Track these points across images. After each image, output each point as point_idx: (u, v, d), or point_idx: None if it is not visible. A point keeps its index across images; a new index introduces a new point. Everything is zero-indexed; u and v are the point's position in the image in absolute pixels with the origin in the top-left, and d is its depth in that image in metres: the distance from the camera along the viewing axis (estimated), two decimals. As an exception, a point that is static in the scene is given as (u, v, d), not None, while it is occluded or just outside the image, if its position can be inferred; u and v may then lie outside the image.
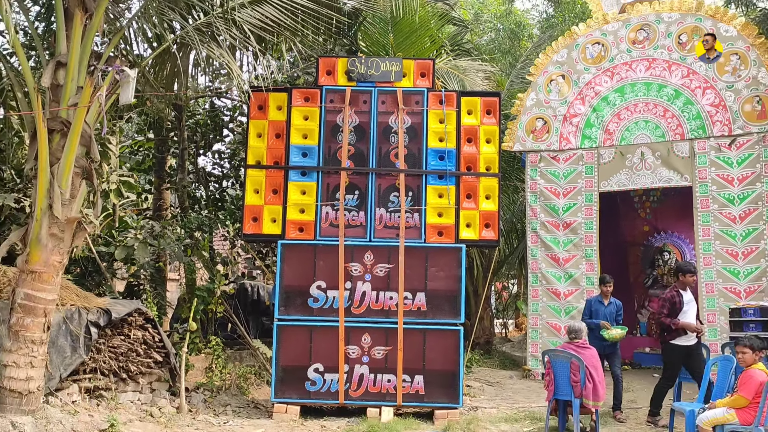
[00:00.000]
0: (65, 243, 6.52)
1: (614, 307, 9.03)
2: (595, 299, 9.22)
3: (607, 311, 8.96)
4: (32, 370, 6.31)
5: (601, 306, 9.03)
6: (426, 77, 9.03)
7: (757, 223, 10.65)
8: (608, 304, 9.06)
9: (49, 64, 6.51)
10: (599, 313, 8.94)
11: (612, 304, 9.07)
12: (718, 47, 11.01)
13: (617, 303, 9.12)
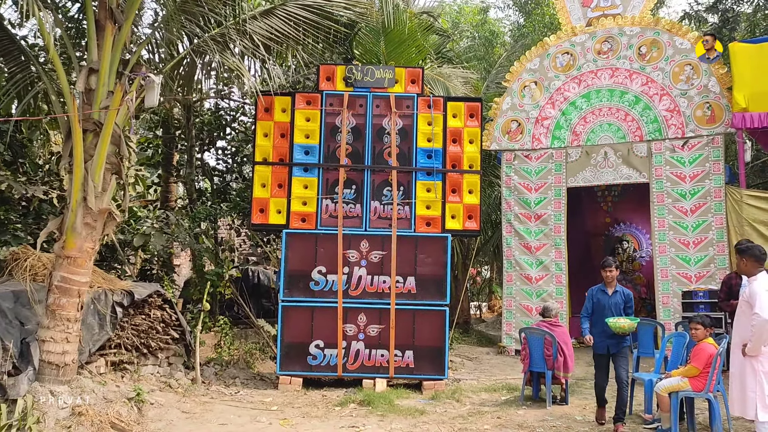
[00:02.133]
0: (97, 231, 6.72)
1: (621, 297, 6.82)
2: (597, 289, 6.97)
3: (612, 302, 6.80)
4: (67, 345, 6.50)
5: (604, 296, 6.85)
6: (416, 84, 9.31)
7: (706, 215, 11.09)
8: (613, 293, 6.83)
9: (82, 71, 6.68)
10: (603, 305, 6.84)
11: (618, 293, 6.84)
12: (717, 47, 11.29)
13: (625, 292, 6.88)
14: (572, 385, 8.79)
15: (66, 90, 6.59)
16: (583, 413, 7.48)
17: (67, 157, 6.71)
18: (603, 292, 6.88)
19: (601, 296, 6.87)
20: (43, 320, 6.53)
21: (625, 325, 6.56)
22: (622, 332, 6.60)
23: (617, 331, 6.60)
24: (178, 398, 7.68)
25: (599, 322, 6.77)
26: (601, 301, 6.86)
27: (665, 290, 11.24)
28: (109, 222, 6.85)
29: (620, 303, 6.79)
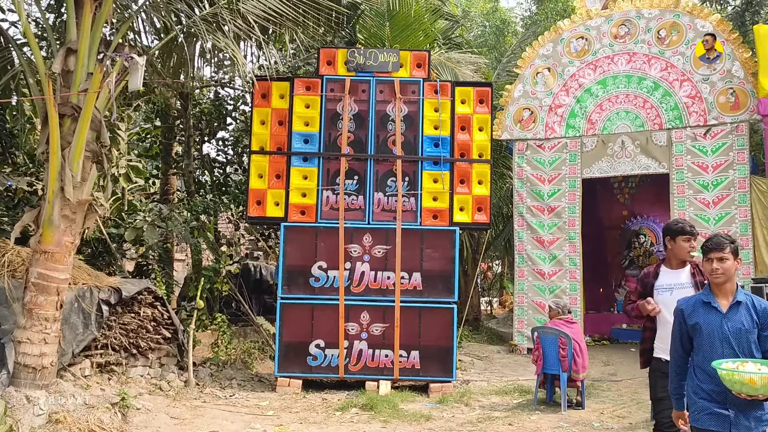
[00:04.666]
0: (77, 224, 6.24)
1: (747, 316, 3.33)
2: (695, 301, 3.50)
3: (732, 328, 3.33)
4: (45, 347, 6.05)
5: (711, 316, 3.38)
6: (422, 68, 8.76)
7: (729, 208, 10.51)
8: (731, 307, 3.36)
9: (59, 51, 6.20)
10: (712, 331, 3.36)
11: (742, 307, 3.36)
12: (718, 47, 10.75)
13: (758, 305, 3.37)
14: (588, 387, 8.27)
15: (42, 71, 6.10)
16: (600, 419, 6.95)
17: (44, 145, 6.23)
18: (709, 309, 3.40)
19: (707, 316, 3.39)
20: (20, 320, 6.08)
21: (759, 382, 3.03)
22: (753, 395, 3.10)
23: (742, 393, 3.10)
24: (168, 402, 7.21)
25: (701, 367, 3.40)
26: (708, 326, 3.38)
27: (686, 286, 10.65)
28: (90, 214, 6.37)
29: (747, 328, 3.29)
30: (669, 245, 4.28)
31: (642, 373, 9.47)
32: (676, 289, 4.14)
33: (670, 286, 4.20)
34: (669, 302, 4.03)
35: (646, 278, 4.41)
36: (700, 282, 4.06)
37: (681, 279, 4.21)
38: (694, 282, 4.11)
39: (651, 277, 4.36)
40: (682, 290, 4.08)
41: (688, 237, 4.18)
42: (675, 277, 4.25)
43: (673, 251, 4.27)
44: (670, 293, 4.14)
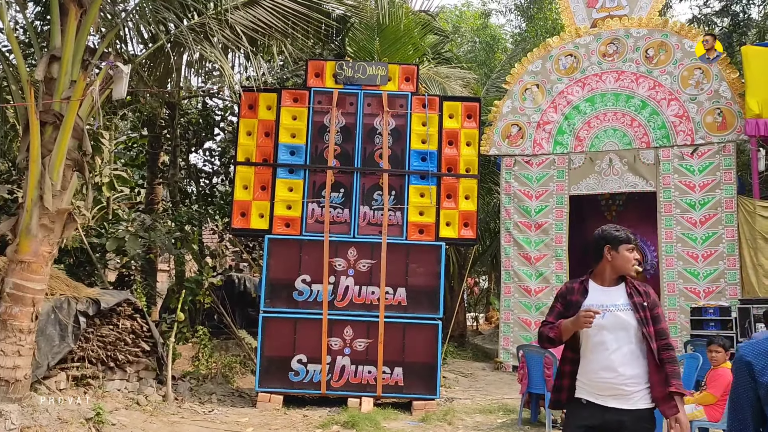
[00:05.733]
0: (55, 234, 6.13)
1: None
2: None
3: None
4: (19, 359, 5.91)
5: None
6: (410, 82, 8.74)
7: (717, 227, 10.53)
8: None
9: (43, 58, 6.11)
10: None
11: None
12: (718, 47, 10.79)
13: None
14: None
15: (24, 77, 6.01)
16: (585, 440, 6.85)
17: (24, 152, 6.12)
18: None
19: None
20: (-7, 331, 5.93)
21: None
22: None
23: None
24: (144, 418, 7.05)
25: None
26: None
27: (672, 306, 10.65)
28: (69, 224, 6.26)
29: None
30: (608, 256, 3.30)
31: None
32: (611, 311, 3.22)
33: (604, 307, 3.22)
34: (602, 328, 3.21)
35: (570, 294, 3.39)
36: (639, 304, 3.21)
37: (616, 299, 3.26)
38: (632, 303, 3.23)
39: (577, 293, 3.35)
40: (619, 313, 3.21)
41: (632, 247, 3.33)
42: (609, 296, 3.28)
43: (613, 264, 3.30)
44: (603, 316, 3.19)
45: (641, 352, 3.22)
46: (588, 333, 3.26)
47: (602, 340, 3.23)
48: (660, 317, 3.27)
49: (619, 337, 3.21)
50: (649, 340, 3.16)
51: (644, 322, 3.20)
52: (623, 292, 3.30)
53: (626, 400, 3.16)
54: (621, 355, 3.19)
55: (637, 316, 3.21)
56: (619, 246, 3.31)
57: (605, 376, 3.18)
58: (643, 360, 3.21)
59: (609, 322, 3.21)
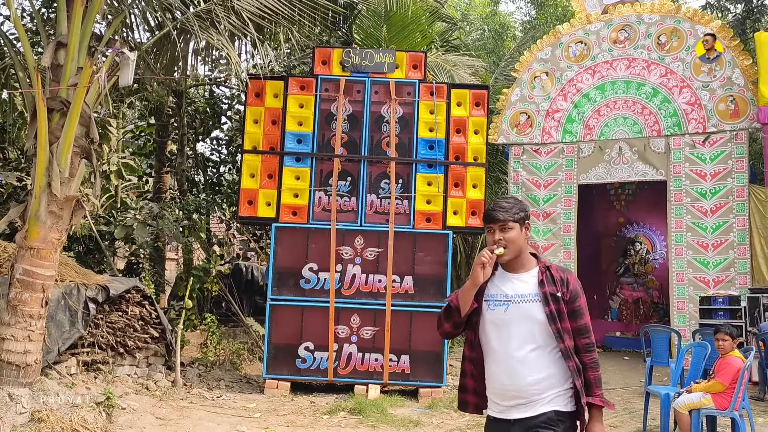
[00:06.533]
0: (64, 221, 6.19)
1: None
2: None
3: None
4: (30, 344, 5.99)
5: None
6: (418, 69, 8.73)
7: (727, 216, 10.48)
8: None
9: (49, 45, 6.15)
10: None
11: None
12: (718, 47, 10.72)
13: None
14: (580, 396, 8.21)
15: (31, 64, 6.06)
16: (592, 428, 6.89)
17: (32, 139, 6.18)
18: None
19: None
20: (4, 316, 6.02)
21: None
22: None
23: None
24: (154, 402, 7.15)
25: None
26: None
27: (681, 295, 10.63)
28: (78, 211, 6.31)
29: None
30: None
31: (636, 382, 9.49)
32: (515, 302, 2.70)
33: (507, 297, 2.72)
34: (503, 323, 2.70)
35: None
36: (551, 294, 2.67)
37: (523, 288, 2.72)
38: (542, 294, 2.69)
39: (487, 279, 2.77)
40: (525, 305, 2.68)
41: (492, 227, 2.74)
42: (513, 284, 2.75)
43: None
44: (506, 308, 2.70)
45: (551, 352, 2.68)
46: (486, 329, 2.75)
47: (502, 336, 2.70)
48: (580, 311, 2.72)
49: (522, 334, 2.67)
50: (562, 339, 2.65)
51: (556, 316, 2.65)
52: (533, 280, 2.74)
53: (531, 409, 2.65)
54: (524, 355, 2.65)
55: (546, 309, 2.66)
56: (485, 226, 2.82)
57: (505, 382, 2.67)
58: (553, 362, 2.68)
59: (511, 315, 2.69)
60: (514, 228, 2.73)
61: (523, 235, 2.77)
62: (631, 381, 9.72)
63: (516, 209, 2.76)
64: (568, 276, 2.78)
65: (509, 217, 2.73)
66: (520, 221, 2.75)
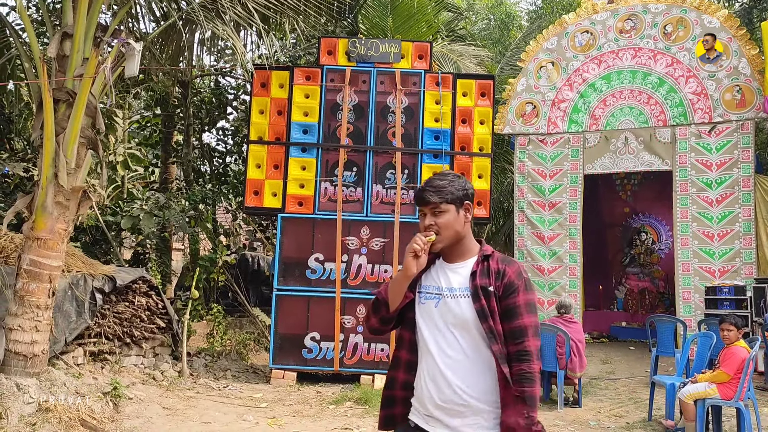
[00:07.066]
0: (70, 211, 6.18)
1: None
2: None
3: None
4: (37, 334, 6.00)
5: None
6: (423, 59, 8.68)
7: (733, 206, 10.41)
8: None
9: (55, 35, 6.13)
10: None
11: None
12: (718, 47, 10.64)
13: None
14: (586, 385, 8.22)
15: (37, 55, 6.04)
16: (597, 417, 6.90)
17: (38, 130, 6.17)
18: None
19: None
20: (11, 307, 6.03)
21: None
22: None
23: None
24: (161, 392, 7.17)
25: None
26: None
27: (686, 285, 10.59)
28: (84, 201, 6.31)
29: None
30: None
31: (641, 372, 9.47)
32: (446, 297, 2.32)
33: (439, 291, 2.35)
34: (432, 320, 2.33)
35: None
36: (482, 288, 2.26)
37: (456, 281, 2.33)
38: (473, 287, 2.28)
39: None
40: (454, 301, 2.29)
41: (422, 212, 2.37)
42: (448, 276, 2.36)
43: None
44: (436, 303, 2.33)
45: (485, 357, 2.26)
46: (419, 326, 2.36)
47: (431, 336, 2.32)
48: (517, 309, 2.24)
49: (451, 335, 2.29)
50: (496, 341, 2.21)
51: (486, 314, 2.23)
52: (467, 271, 2.34)
53: (455, 425, 2.26)
54: (450, 360, 2.27)
55: (476, 305, 2.25)
56: None
57: (430, 389, 2.29)
58: (484, 372, 2.25)
59: (441, 312, 2.32)
60: (449, 211, 2.31)
61: (461, 219, 2.33)
62: (637, 371, 9.70)
63: (452, 188, 2.32)
64: (506, 267, 2.30)
65: (442, 198, 2.30)
66: (456, 202, 2.32)
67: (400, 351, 2.42)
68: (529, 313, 2.25)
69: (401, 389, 2.40)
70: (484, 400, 2.24)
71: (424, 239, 2.26)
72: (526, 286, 2.29)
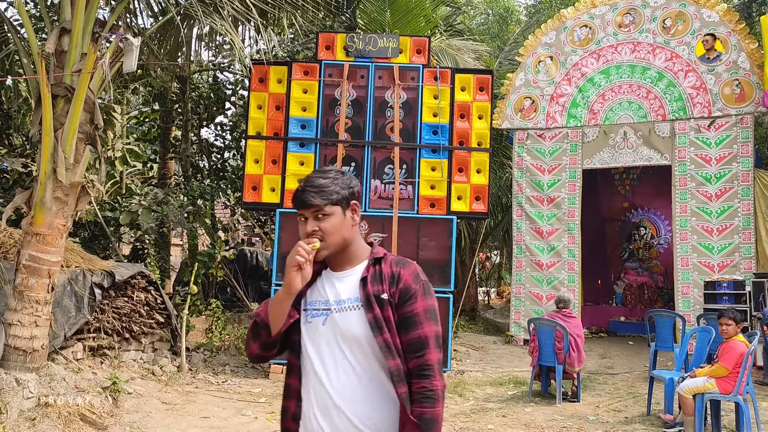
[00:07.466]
0: (69, 207, 6.18)
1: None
2: None
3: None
4: (36, 329, 6.01)
5: None
6: (422, 54, 8.67)
7: (732, 201, 10.43)
8: None
9: (53, 30, 6.12)
10: None
11: None
12: (718, 47, 10.65)
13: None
14: (584, 380, 8.25)
15: (35, 50, 6.03)
16: (596, 412, 6.92)
17: (37, 126, 6.16)
18: None
19: None
20: (11, 302, 6.03)
21: None
22: None
23: None
24: (160, 387, 7.19)
25: None
26: None
27: (685, 280, 10.61)
28: (83, 197, 6.30)
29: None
30: None
31: (640, 366, 9.49)
32: (335, 311, 1.98)
33: (326, 305, 2.01)
34: (321, 340, 1.98)
35: None
36: (375, 297, 1.94)
37: (344, 291, 2.01)
38: (364, 295, 1.96)
39: None
40: (344, 315, 1.97)
41: (302, 216, 2.00)
42: (336, 287, 2.03)
43: None
44: (324, 320, 1.99)
45: (383, 378, 1.94)
46: (306, 348, 2.00)
47: (318, 359, 1.97)
48: (415, 317, 1.94)
49: (341, 357, 1.95)
50: (393, 356, 1.90)
51: (381, 325, 1.91)
52: (356, 279, 2.01)
53: None
54: (345, 386, 1.93)
55: (369, 316, 1.93)
56: None
57: (321, 423, 1.95)
58: (386, 393, 1.95)
59: (329, 329, 1.98)
60: (334, 213, 1.97)
61: (348, 221, 2.01)
62: (636, 366, 9.73)
63: (336, 187, 1.98)
64: (401, 270, 1.99)
65: (326, 199, 1.95)
66: (342, 202, 1.99)
67: (290, 378, 2.07)
68: (430, 321, 1.94)
69: (293, 420, 2.04)
70: (386, 430, 1.93)
71: (308, 248, 1.92)
72: (425, 291, 1.98)
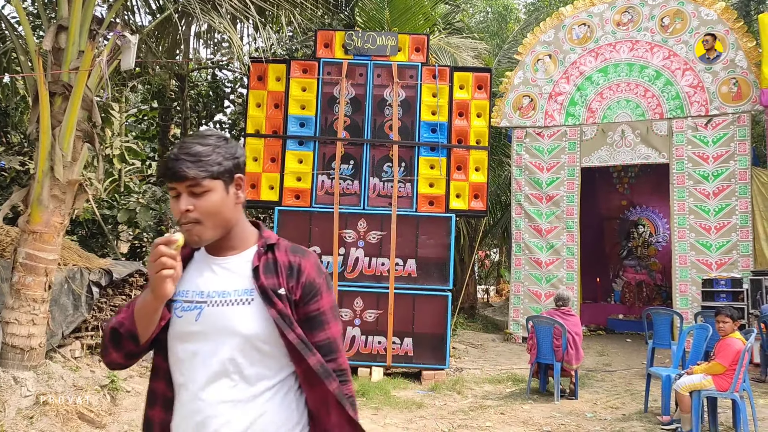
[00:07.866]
0: (66, 205, 6.16)
1: None
2: None
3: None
4: (34, 328, 5.99)
5: None
6: (420, 52, 8.66)
7: (730, 199, 10.43)
8: None
9: (50, 28, 6.10)
10: None
11: None
12: (718, 47, 10.64)
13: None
14: (582, 377, 8.25)
15: (32, 47, 6.00)
16: (593, 409, 6.92)
17: (34, 123, 6.14)
18: None
19: None
20: (8, 300, 6.01)
21: None
22: None
23: None
24: (158, 385, 7.17)
25: None
26: None
27: (683, 277, 10.61)
28: (80, 195, 6.28)
29: None
30: None
31: (638, 364, 9.49)
32: (212, 305, 1.62)
33: (201, 297, 1.65)
34: (193, 339, 1.62)
35: None
36: (272, 291, 1.61)
37: (227, 281, 1.65)
38: (258, 287, 1.62)
39: None
40: (226, 310, 1.61)
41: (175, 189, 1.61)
42: (215, 274, 1.67)
43: None
44: (198, 315, 1.63)
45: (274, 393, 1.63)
46: (174, 349, 1.64)
47: (191, 363, 1.61)
48: (322, 316, 1.66)
49: (219, 361, 1.59)
50: (309, 353, 1.60)
51: (290, 321, 1.60)
52: (246, 267, 1.67)
53: None
54: (218, 398, 1.58)
55: (272, 312, 1.59)
56: None
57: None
58: (287, 403, 1.64)
59: (205, 326, 1.61)
60: (215, 189, 1.60)
61: (231, 199, 1.64)
62: (633, 363, 9.73)
63: (217, 157, 1.61)
64: (301, 261, 1.67)
65: (204, 172, 1.57)
66: (224, 176, 1.62)
67: (155, 382, 1.70)
68: (336, 319, 1.69)
69: None
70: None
71: (171, 251, 1.52)
72: (328, 285, 1.70)
